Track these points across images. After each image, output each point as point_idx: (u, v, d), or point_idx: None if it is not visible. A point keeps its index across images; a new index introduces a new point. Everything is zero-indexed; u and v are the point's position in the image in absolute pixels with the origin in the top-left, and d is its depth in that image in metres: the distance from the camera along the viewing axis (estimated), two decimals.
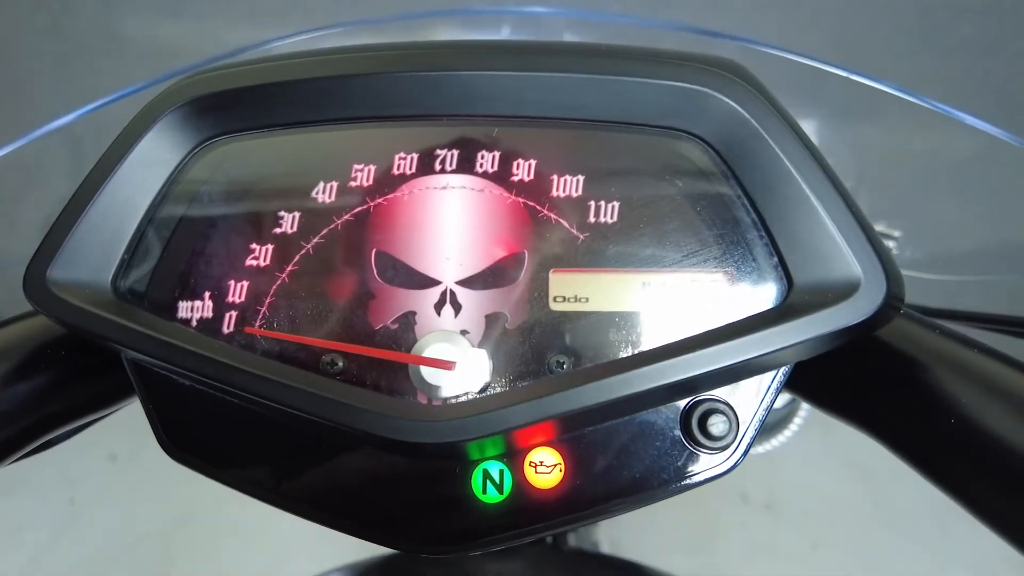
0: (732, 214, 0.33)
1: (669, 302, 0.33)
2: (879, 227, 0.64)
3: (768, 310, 0.32)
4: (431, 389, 0.32)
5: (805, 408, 0.75)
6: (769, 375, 0.33)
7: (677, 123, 0.33)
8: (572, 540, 0.87)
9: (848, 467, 1.86)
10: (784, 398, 0.72)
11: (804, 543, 1.76)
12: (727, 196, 0.33)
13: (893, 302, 0.31)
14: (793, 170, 0.31)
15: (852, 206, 0.31)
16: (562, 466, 0.33)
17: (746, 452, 0.32)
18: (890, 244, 0.65)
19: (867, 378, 0.34)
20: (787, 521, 1.80)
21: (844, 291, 0.30)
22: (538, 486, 0.33)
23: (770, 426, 0.75)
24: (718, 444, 0.32)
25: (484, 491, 0.33)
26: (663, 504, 0.33)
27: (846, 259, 0.30)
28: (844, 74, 0.55)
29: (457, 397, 0.33)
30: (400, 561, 0.59)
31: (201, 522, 1.82)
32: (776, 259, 0.32)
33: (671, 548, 1.71)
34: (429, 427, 0.30)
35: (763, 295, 0.33)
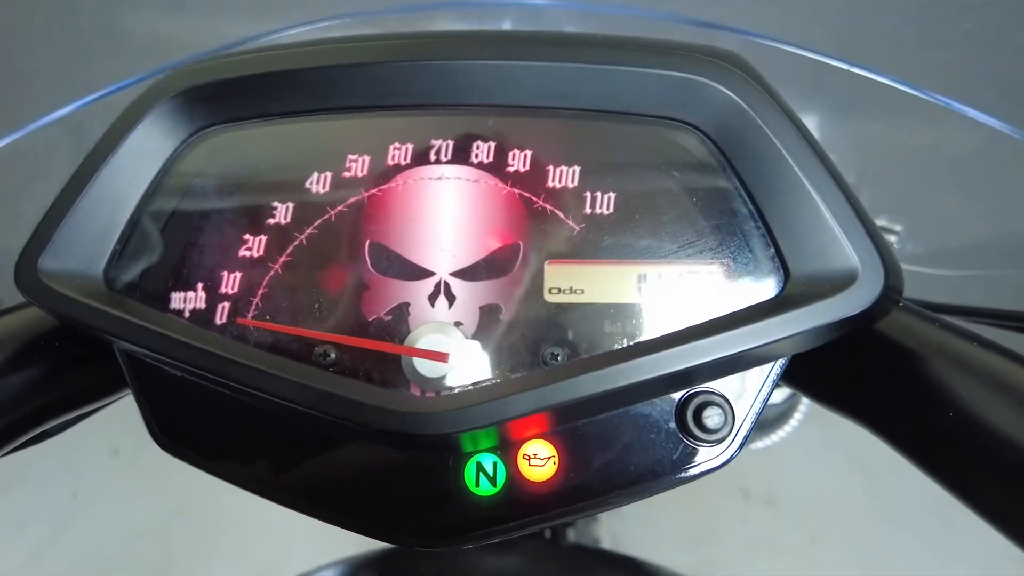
0: (729, 205, 0.33)
1: (665, 294, 0.33)
2: (880, 221, 0.64)
3: (765, 301, 0.31)
4: (424, 381, 0.32)
5: (805, 403, 0.75)
6: (766, 367, 0.32)
7: (674, 113, 0.33)
8: (571, 535, 0.87)
9: (849, 462, 1.86)
10: (784, 393, 0.72)
11: (804, 538, 1.76)
12: (724, 187, 0.33)
13: (891, 294, 0.31)
14: (791, 160, 0.30)
15: (850, 197, 0.30)
16: (556, 459, 0.32)
17: (742, 446, 0.32)
18: (891, 239, 0.65)
19: (865, 371, 0.34)
20: (788, 516, 1.80)
21: (842, 282, 0.29)
22: (532, 479, 0.32)
23: (770, 421, 0.74)
24: (713, 437, 0.32)
25: (477, 484, 0.32)
26: (664, 500, 0.33)
27: (844, 250, 0.30)
28: (844, 66, 0.54)
29: (451, 389, 0.32)
30: (396, 556, 0.59)
31: (201, 516, 1.82)
32: (773, 250, 0.32)
33: (672, 543, 1.71)
34: (421, 419, 0.30)
35: (760, 286, 0.32)
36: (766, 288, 0.32)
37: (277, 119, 0.35)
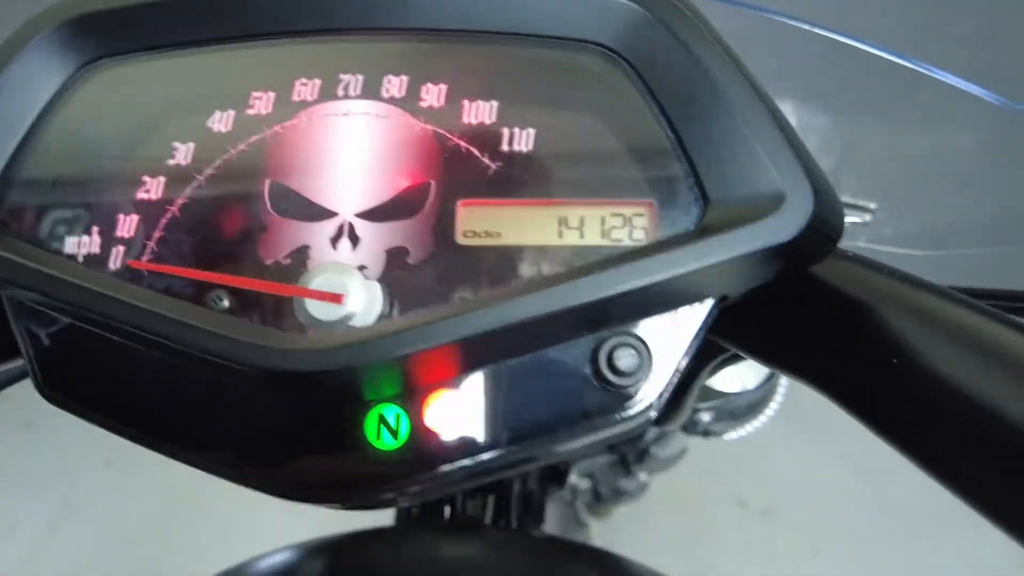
0: (649, 135, 0.30)
1: (586, 234, 0.31)
2: (854, 199, 0.62)
3: (682, 232, 0.29)
4: (319, 325, 0.30)
5: (782, 393, 0.72)
6: (691, 312, 0.30)
7: (588, 35, 0.31)
8: (549, 529, 0.84)
9: (851, 472, 1.82)
10: (758, 378, 0.69)
11: (804, 551, 1.71)
12: (643, 115, 0.31)
13: (822, 226, 0.28)
14: (710, 78, 0.28)
15: (777, 117, 0.28)
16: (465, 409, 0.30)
17: (662, 397, 0.30)
18: (866, 217, 0.62)
19: (804, 323, 0.31)
20: (786, 528, 1.76)
21: (764, 208, 0.27)
22: (436, 430, 0.30)
23: (745, 410, 0.71)
24: (627, 381, 0.29)
25: (378, 437, 0.30)
26: (658, 509, 0.30)
27: (768, 174, 0.27)
28: (807, 27, 0.52)
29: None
30: (353, 540, 0.57)
31: (194, 524, 1.80)
32: (693, 179, 0.29)
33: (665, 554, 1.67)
34: (305, 355, 0.27)
35: (682, 220, 0.30)
36: (687, 222, 0.30)
37: (176, 50, 0.33)
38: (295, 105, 0.33)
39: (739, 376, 0.67)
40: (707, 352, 0.49)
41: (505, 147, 0.32)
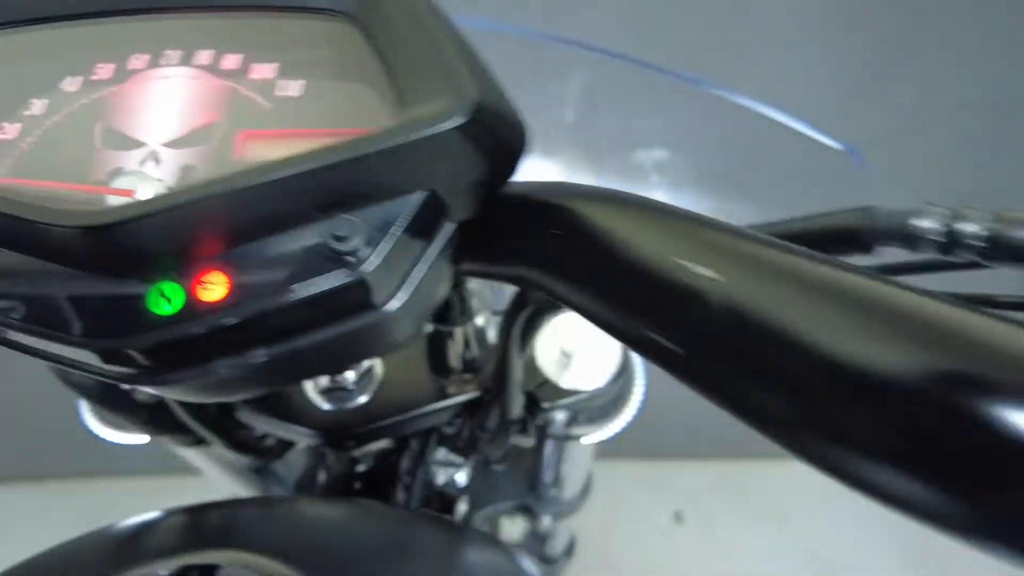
0: (379, 78, 0.40)
1: None
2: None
3: (379, 132, 0.37)
4: None
5: (639, 395, 0.77)
6: (404, 200, 0.38)
7: (333, 5, 0.41)
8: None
9: (810, 560, 1.80)
10: (608, 372, 0.74)
11: None
12: (374, 62, 0.40)
13: (492, 126, 0.37)
14: (407, 17, 0.38)
15: (458, 39, 0.37)
16: (227, 283, 0.38)
17: (381, 267, 0.37)
18: None
19: (523, 239, 0.39)
20: None
21: (438, 108, 0.36)
22: (205, 299, 0.37)
23: (600, 411, 0.76)
24: (348, 247, 0.37)
25: (158, 305, 0.37)
26: None
27: (445, 83, 0.36)
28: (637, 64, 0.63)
29: None
30: (218, 507, 0.61)
31: None
32: (402, 103, 0.39)
33: None
34: (84, 215, 0.36)
35: None
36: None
37: (45, 24, 0.44)
38: (129, 72, 0.43)
39: (589, 374, 0.72)
40: (512, 311, 0.56)
41: (279, 93, 0.41)
